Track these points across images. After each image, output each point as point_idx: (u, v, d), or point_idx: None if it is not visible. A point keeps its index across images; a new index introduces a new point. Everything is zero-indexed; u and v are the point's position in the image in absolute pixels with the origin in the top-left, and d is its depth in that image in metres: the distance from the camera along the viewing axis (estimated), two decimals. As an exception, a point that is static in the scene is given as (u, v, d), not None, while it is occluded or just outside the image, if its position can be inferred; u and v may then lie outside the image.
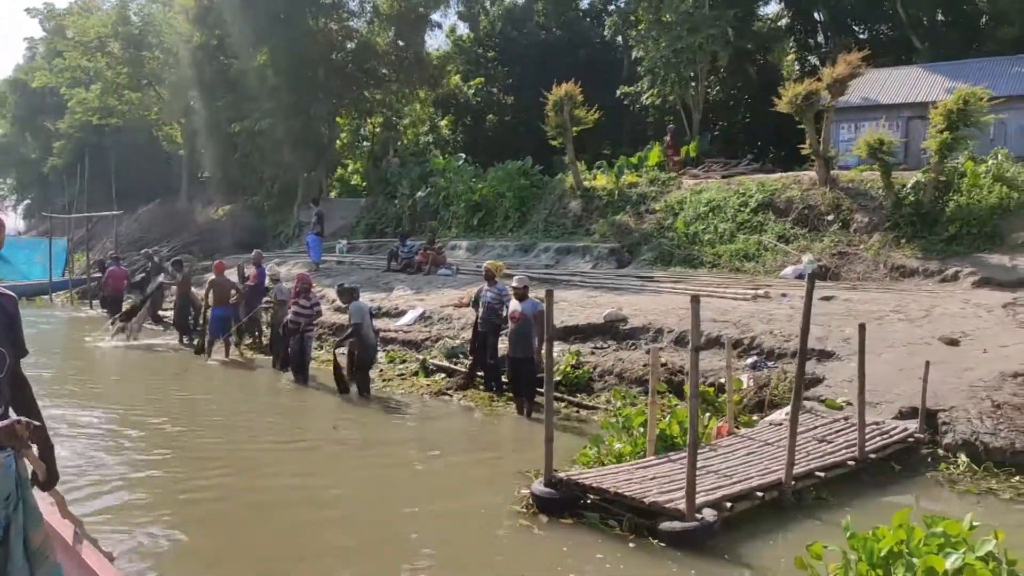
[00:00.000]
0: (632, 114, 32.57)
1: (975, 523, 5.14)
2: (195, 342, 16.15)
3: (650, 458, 7.68)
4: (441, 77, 34.27)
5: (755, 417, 10.03)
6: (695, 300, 6.32)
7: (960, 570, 4.61)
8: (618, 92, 29.57)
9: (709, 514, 6.23)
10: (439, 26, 34.82)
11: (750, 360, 11.68)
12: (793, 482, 7.15)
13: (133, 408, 10.92)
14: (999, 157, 16.97)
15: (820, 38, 35.15)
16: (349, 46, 32.16)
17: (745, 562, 6.02)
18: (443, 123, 36.82)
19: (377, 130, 35.60)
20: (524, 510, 6.89)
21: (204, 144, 36.56)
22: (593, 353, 12.82)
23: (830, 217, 18.02)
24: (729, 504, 6.51)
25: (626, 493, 6.51)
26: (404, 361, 13.95)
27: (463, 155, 31.21)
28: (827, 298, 14.20)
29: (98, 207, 37.29)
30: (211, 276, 16.25)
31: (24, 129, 54.22)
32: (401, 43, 32.39)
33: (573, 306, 15.13)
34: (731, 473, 7.29)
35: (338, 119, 33.86)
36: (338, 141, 35.27)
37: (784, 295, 14.63)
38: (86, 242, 31.88)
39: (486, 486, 7.92)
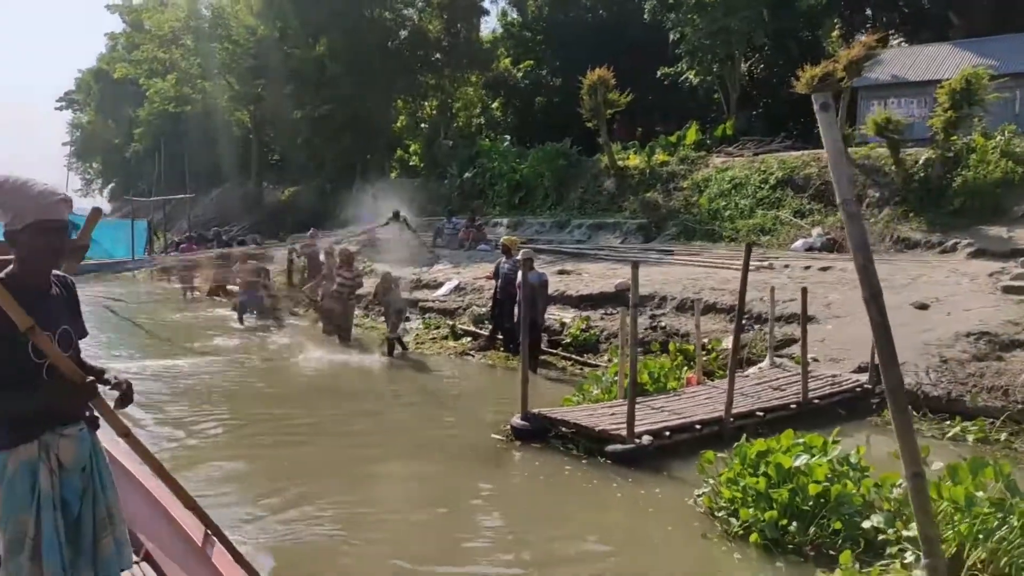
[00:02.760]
0: (679, 91, 33.45)
1: (837, 439, 6.59)
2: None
3: (617, 400, 9.18)
4: (491, 61, 35.78)
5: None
6: (635, 266, 7.78)
7: (802, 467, 6.03)
8: (658, 73, 30.58)
9: (647, 439, 7.72)
10: (487, 12, 36.28)
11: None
12: (732, 419, 8.55)
13: (201, 366, 12.83)
14: (1006, 133, 17.66)
15: (868, 11, 35.41)
16: (402, 34, 33.90)
17: (673, 476, 7.48)
18: (495, 105, 38.32)
19: (433, 113, 37.36)
20: (504, 439, 8.48)
21: (271, 129, 38.89)
22: (603, 318, 14.30)
23: (844, 193, 18.99)
24: (668, 432, 7.98)
25: (583, 423, 8.05)
26: (438, 327, 15.63)
27: (508, 137, 32.70)
28: (824, 268, 15.39)
29: (176, 190, 40.01)
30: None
31: (107, 116, 57.68)
32: (452, 29, 34.02)
33: (593, 277, 16.61)
34: (682, 411, 8.75)
35: (397, 103, 35.73)
36: (396, 124, 37.19)
37: (787, 266, 15.83)
38: (163, 223, 34.45)
39: (488, 424, 9.49)
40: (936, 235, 16.76)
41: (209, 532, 3.59)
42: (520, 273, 12.01)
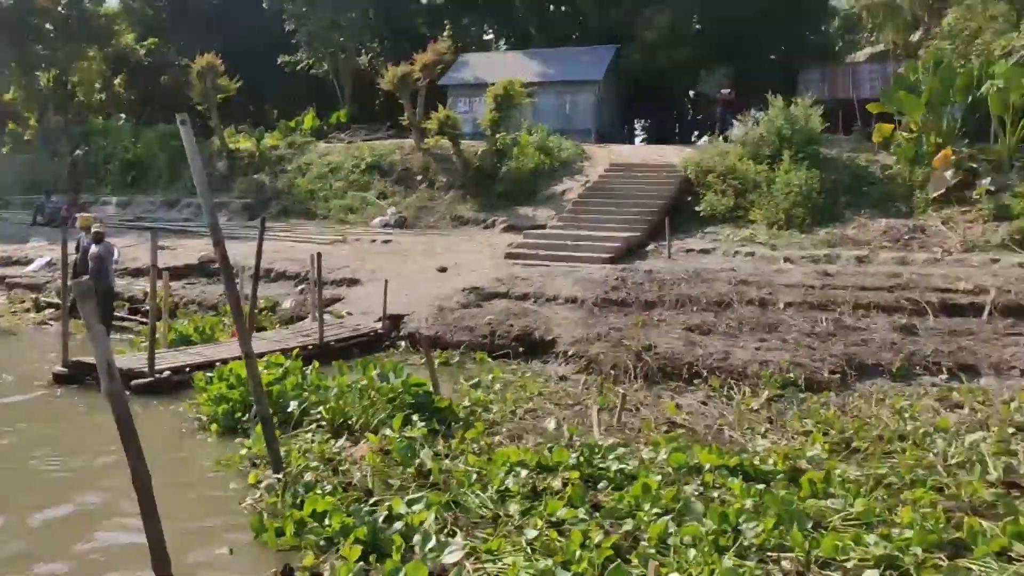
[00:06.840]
0: (306, 77, 35.09)
1: (297, 362, 9.05)
2: None
3: (163, 349, 11.03)
4: (110, 36, 34.91)
5: (282, 327, 13.72)
6: (154, 234, 9.68)
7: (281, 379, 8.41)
8: (279, 60, 32.21)
9: (167, 373, 9.70)
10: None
11: (300, 287, 15.42)
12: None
13: None
14: (541, 132, 21.96)
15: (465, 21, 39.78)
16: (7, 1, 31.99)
17: (189, 398, 9.51)
18: (117, 82, 37.31)
19: (50, 86, 35.47)
20: (47, 384, 9.99)
21: None
22: (185, 288, 15.95)
23: (420, 177, 22.32)
24: (188, 368, 10.02)
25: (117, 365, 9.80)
26: (23, 301, 16.19)
27: (123, 116, 32.41)
28: (387, 241, 18.35)
29: None
30: None
31: None
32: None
33: (187, 251, 18.11)
34: (211, 354, 10.83)
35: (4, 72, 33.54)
36: (7, 95, 34.90)
37: (357, 239, 18.58)
38: None
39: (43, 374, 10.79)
40: (484, 214, 20.49)
41: None
42: (95, 246, 13.38)
